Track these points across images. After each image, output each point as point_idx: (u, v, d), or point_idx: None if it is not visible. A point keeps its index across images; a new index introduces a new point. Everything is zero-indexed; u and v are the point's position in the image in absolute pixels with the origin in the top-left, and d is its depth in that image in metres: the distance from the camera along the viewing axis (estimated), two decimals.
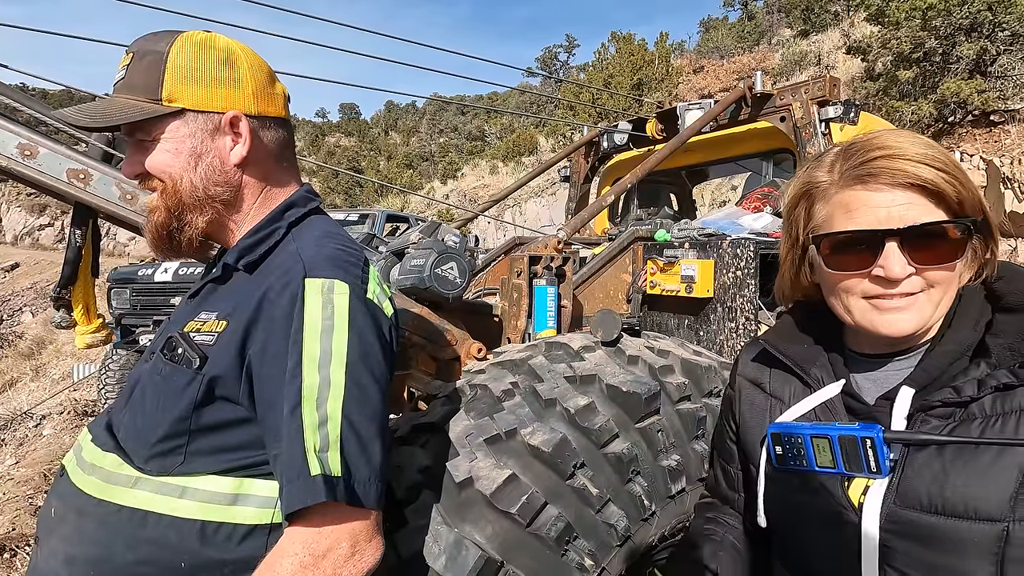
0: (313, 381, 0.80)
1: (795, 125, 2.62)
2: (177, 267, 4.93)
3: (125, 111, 0.88)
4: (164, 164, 0.91)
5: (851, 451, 0.75)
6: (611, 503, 1.10)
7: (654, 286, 2.20)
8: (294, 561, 0.76)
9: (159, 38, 0.91)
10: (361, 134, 39.10)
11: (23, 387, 8.70)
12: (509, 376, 1.31)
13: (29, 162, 1.45)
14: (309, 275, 0.85)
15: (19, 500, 3.99)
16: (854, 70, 13.53)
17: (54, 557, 0.86)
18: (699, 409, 1.30)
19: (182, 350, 0.86)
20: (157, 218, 0.93)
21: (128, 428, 0.88)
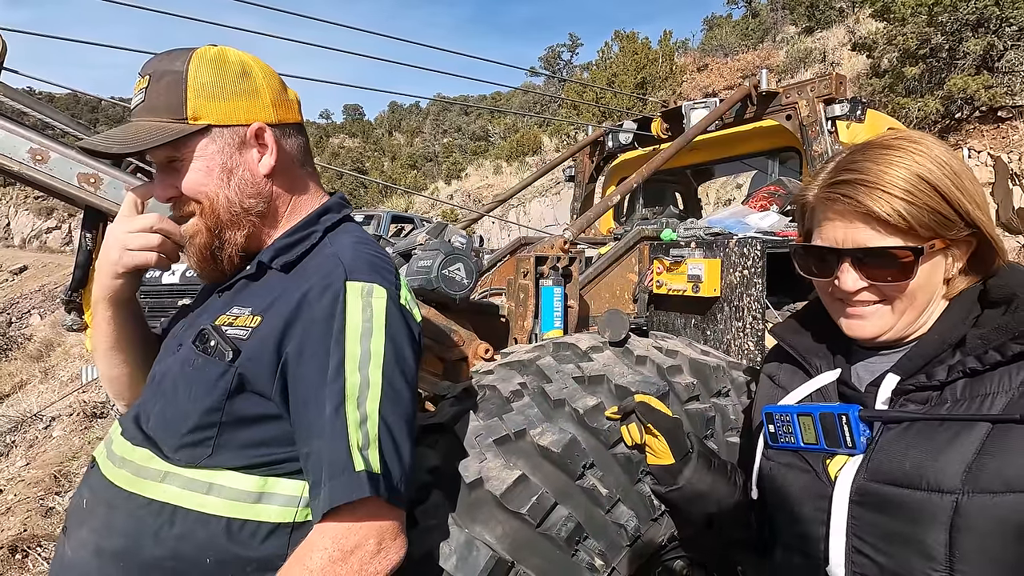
0: (355, 380, 0.83)
1: (801, 123, 2.62)
2: (184, 269, 4.96)
3: (153, 134, 0.88)
4: (199, 184, 0.92)
5: (830, 428, 0.84)
6: (621, 503, 1.10)
7: (660, 286, 2.20)
8: (324, 556, 0.78)
9: (173, 57, 0.91)
10: (365, 135, 39.21)
11: (32, 389, 8.78)
12: (517, 377, 1.31)
13: (40, 167, 1.47)
14: (350, 278, 0.88)
15: (30, 501, 4.04)
16: (859, 67, 13.46)
17: (83, 547, 0.87)
18: (708, 409, 1.29)
19: (215, 342, 0.87)
20: (200, 241, 0.93)
21: (158, 418, 0.90)
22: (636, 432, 1.11)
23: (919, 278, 0.81)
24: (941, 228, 0.80)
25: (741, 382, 1.41)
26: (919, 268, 0.81)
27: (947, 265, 0.84)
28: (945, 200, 0.79)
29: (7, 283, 26.16)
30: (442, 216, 16.29)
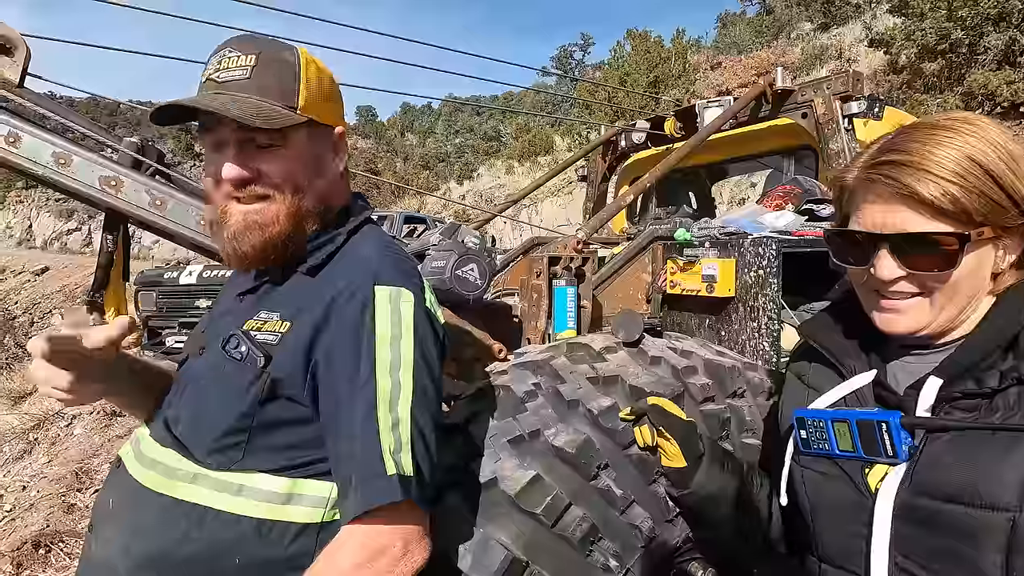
0: (386, 385, 0.84)
1: (817, 121, 2.59)
2: (201, 270, 5.03)
3: (272, 115, 0.87)
4: (294, 173, 0.91)
5: (869, 436, 0.77)
6: (635, 504, 1.10)
7: (674, 286, 2.19)
8: (352, 557, 0.79)
9: (279, 45, 0.92)
10: (378, 136, 39.44)
11: None
12: (531, 377, 1.31)
13: (64, 170, 1.50)
14: (379, 283, 0.88)
15: (52, 498, 4.11)
16: (877, 63, 13.26)
17: (111, 546, 0.88)
18: (723, 410, 1.29)
19: (245, 348, 0.88)
20: (274, 230, 0.90)
21: (188, 423, 0.90)
22: (648, 434, 1.10)
23: (963, 269, 0.74)
24: (992, 215, 0.73)
25: (757, 383, 1.40)
26: (964, 257, 0.73)
27: (996, 257, 0.77)
28: (998, 184, 0.72)
29: (29, 284, 26.72)
30: (454, 216, 16.34)
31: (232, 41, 0.91)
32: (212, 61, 0.90)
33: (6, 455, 5.40)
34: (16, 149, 1.46)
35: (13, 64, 1.55)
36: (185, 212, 1.60)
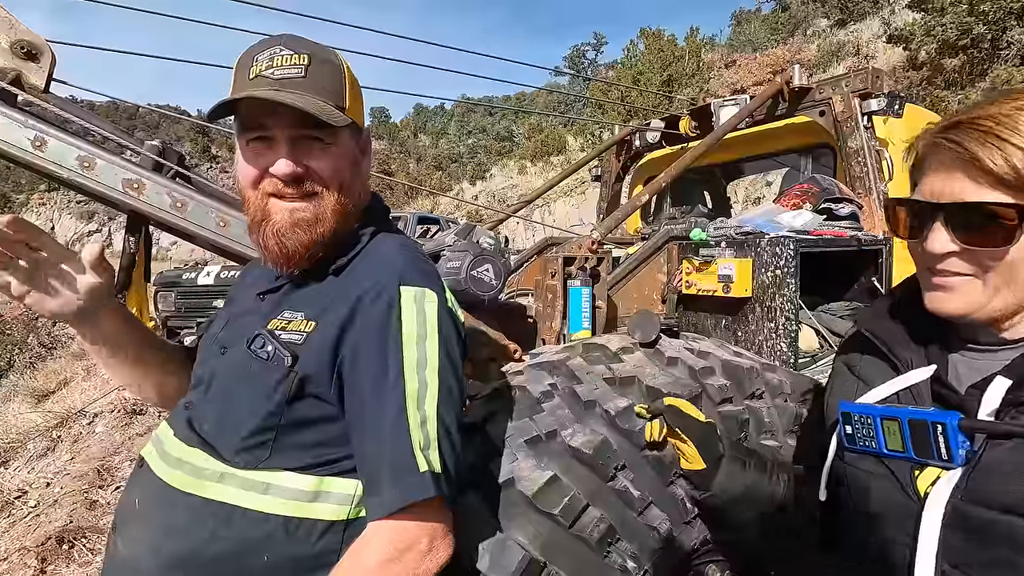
0: (414, 383, 0.85)
1: (836, 119, 2.55)
2: (218, 271, 5.10)
3: (333, 113, 0.88)
4: (339, 172, 0.92)
5: (922, 436, 0.72)
6: (653, 505, 1.10)
7: (690, 286, 2.18)
8: (379, 554, 0.80)
9: (321, 47, 0.93)
10: (391, 137, 39.66)
11: (76, 386, 9.12)
12: (547, 377, 1.31)
13: (88, 173, 1.53)
14: (403, 283, 0.89)
15: (75, 495, 4.19)
16: (895, 59, 13.05)
17: (138, 545, 0.89)
18: (741, 411, 1.28)
19: (272, 347, 0.89)
20: (322, 229, 0.91)
21: (214, 422, 0.91)
22: (657, 429, 1.09)
23: (1022, 247, 0.67)
24: None
25: (776, 384, 1.38)
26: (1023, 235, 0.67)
27: None
28: None
29: None
30: (467, 216, 16.37)
31: (280, 39, 0.92)
32: (260, 59, 0.89)
33: (31, 452, 5.51)
34: (42, 153, 1.49)
35: (39, 70, 1.59)
36: (205, 214, 1.62)
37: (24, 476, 4.94)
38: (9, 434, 5.86)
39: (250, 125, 0.90)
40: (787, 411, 1.37)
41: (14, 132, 1.47)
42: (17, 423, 6.29)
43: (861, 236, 2.29)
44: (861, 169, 2.49)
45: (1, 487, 4.60)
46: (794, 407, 1.38)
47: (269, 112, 0.88)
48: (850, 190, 2.50)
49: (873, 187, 2.47)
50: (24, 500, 4.36)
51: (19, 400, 8.44)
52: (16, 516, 4.13)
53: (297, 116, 0.87)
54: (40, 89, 1.59)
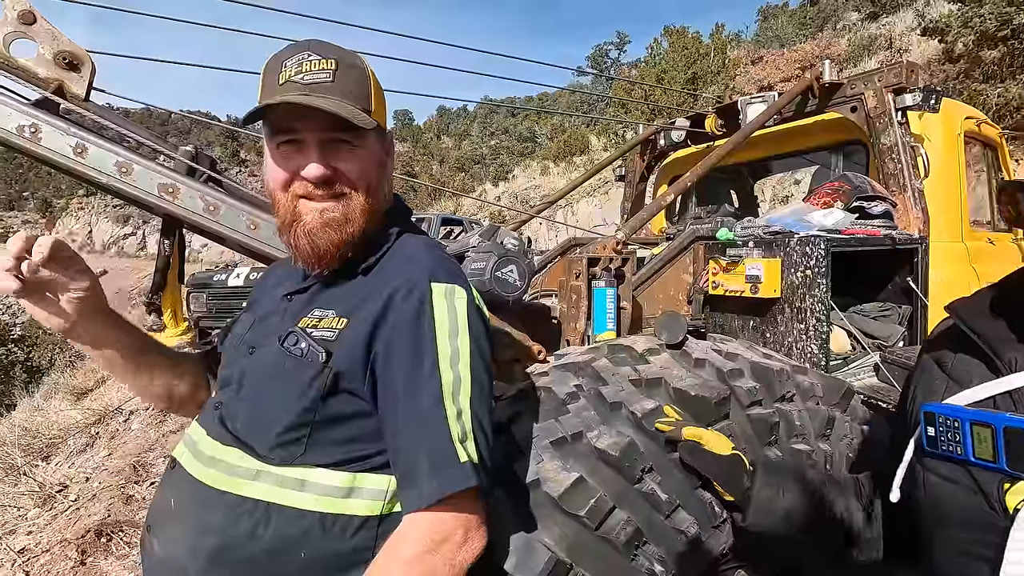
0: (448, 377, 0.86)
1: (868, 115, 2.49)
2: (248, 272, 5.22)
3: (359, 115, 0.90)
4: (370, 172, 0.95)
5: (1018, 447, 0.65)
6: (681, 509, 1.08)
7: (716, 286, 2.14)
8: (416, 546, 0.81)
9: (348, 52, 0.96)
10: (414, 139, 40.01)
11: (112, 385, 9.41)
12: (572, 378, 1.31)
13: (125, 179, 1.58)
14: (434, 280, 0.91)
15: (112, 489, 4.33)
16: (930, 52, 12.65)
17: (176, 545, 0.90)
18: (771, 415, 1.25)
19: (306, 344, 0.90)
20: (351, 229, 0.94)
21: (248, 419, 0.93)
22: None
23: None
24: None
25: (807, 387, 1.35)
26: None
27: None
28: None
29: None
30: (490, 217, 16.41)
31: (308, 45, 0.93)
32: (289, 64, 0.91)
33: (71, 448, 5.72)
34: (83, 159, 1.55)
35: (80, 79, 1.65)
36: (236, 216, 1.66)
37: (65, 471, 5.13)
38: (51, 430, 6.09)
39: (280, 129, 0.93)
40: (819, 414, 1.33)
41: (57, 140, 1.53)
42: (58, 419, 6.53)
43: (895, 235, 2.23)
44: (895, 166, 2.42)
45: (44, 481, 4.78)
46: (826, 410, 1.35)
47: (299, 116, 0.90)
48: (884, 188, 2.43)
49: (908, 184, 2.40)
50: (65, 494, 4.53)
51: (60, 397, 8.75)
52: (58, 509, 4.29)
53: (327, 120, 0.89)
54: (81, 98, 1.65)
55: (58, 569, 3.40)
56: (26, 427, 6.24)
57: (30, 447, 5.66)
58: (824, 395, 1.38)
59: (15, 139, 1.51)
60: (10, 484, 4.83)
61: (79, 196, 46.32)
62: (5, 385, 16.10)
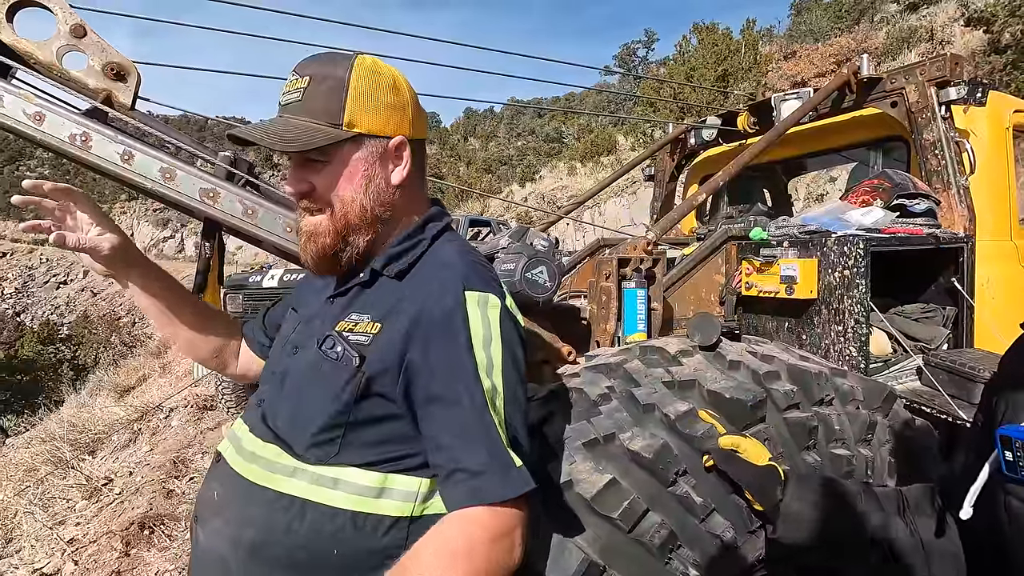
0: (488, 385, 0.88)
1: (909, 110, 2.41)
2: (281, 274, 5.34)
3: (311, 135, 0.92)
4: (338, 188, 0.96)
5: None
6: (716, 513, 1.07)
7: (750, 287, 2.10)
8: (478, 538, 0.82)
9: (335, 63, 0.96)
10: (442, 142, 40.35)
11: (153, 383, 9.76)
12: (604, 380, 1.30)
13: (169, 184, 1.64)
14: (468, 288, 0.92)
15: (154, 484, 4.49)
16: (975, 43, 12.15)
17: (218, 537, 0.94)
18: (809, 418, 1.22)
19: (341, 348, 0.93)
20: (324, 241, 0.97)
21: (287, 419, 0.96)
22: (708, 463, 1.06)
23: None
24: None
25: (847, 390, 1.32)
26: None
27: None
28: None
29: None
30: (517, 218, 16.43)
31: (298, 64, 0.97)
32: (285, 84, 0.97)
33: (115, 443, 5.95)
34: (129, 166, 1.61)
35: (127, 89, 1.72)
36: (273, 220, 1.71)
37: (110, 465, 5.34)
38: (97, 426, 6.34)
39: None
40: (859, 419, 1.30)
41: (106, 147, 1.59)
42: (103, 416, 6.80)
43: (939, 234, 2.15)
44: (939, 162, 2.34)
45: (91, 474, 4.99)
46: (866, 415, 1.31)
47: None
48: (926, 185, 2.35)
49: (952, 181, 2.31)
50: (110, 487, 4.71)
51: (104, 394, 9.11)
52: (104, 502, 4.47)
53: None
54: (127, 107, 1.72)
55: (104, 559, 3.54)
56: (73, 423, 6.53)
57: (77, 442, 5.92)
58: (865, 399, 1.34)
59: (67, 147, 1.58)
60: (59, 477, 5.06)
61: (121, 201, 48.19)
62: (54, 382, 16.86)
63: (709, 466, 1.08)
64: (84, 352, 19.28)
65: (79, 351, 19.67)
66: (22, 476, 5.51)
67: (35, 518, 4.36)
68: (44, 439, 6.24)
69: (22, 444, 7.72)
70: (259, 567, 0.90)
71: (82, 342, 20.15)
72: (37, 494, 4.84)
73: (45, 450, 5.72)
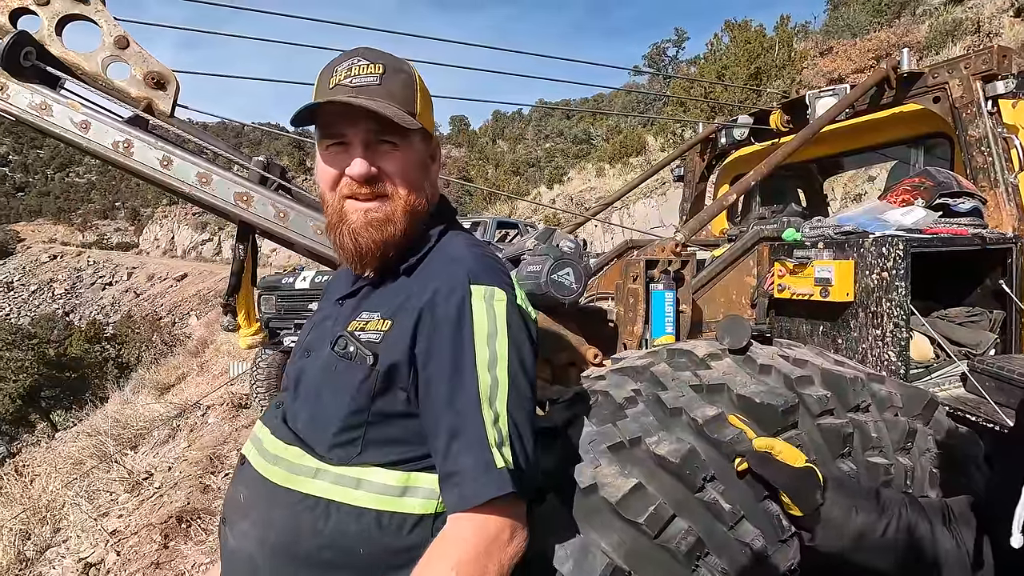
0: (486, 381, 0.87)
1: (953, 105, 2.31)
2: (314, 275, 5.45)
3: (403, 116, 0.92)
4: (409, 173, 0.97)
5: None
6: (745, 520, 1.04)
7: (782, 289, 2.05)
8: (467, 546, 0.82)
9: (396, 58, 0.99)
10: (470, 144, 40.60)
11: (191, 381, 10.10)
12: (631, 383, 1.29)
13: (205, 188, 1.69)
14: (474, 282, 0.92)
15: (191, 479, 4.64)
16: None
17: (246, 538, 0.96)
18: (844, 425, 1.18)
19: (354, 348, 0.94)
20: (393, 229, 0.96)
21: (306, 420, 0.97)
22: (741, 465, 1.04)
23: None
24: None
25: (884, 396, 1.27)
26: None
27: None
28: None
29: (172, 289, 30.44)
30: (545, 220, 16.40)
31: (358, 52, 0.98)
32: (339, 69, 0.95)
33: (155, 439, 6.16)
34: (169, 171, 1.67)
35: (166, 97, 1.78)
36: (304, 222, 1.75)
37: (150, 460, 5.53)
38: (139, 422, 6.59)
39: (328, 131, 0.97)
40: (898, 426, 1.25)
41: (147, 153, 1.66)
42: (145, 412, 7.06)
43: (986, 234, 2.06)
44: (985, 159, 2.24)
45: (133, 468, 5.18)
46: (905, 422, 1.26)
47: (345, 118, 0.93)
48: (971, 183, 2.25)
49: (1000, 179, 2.21)
50: (150, 481, 4.88)
51: (146, 391, 9.46)
52: (144, 495, 4.63)
53: (371, 121, 0.92)
54: (167, 114, 1.78)
55: (144, 551, 3.67)
56: (117, 418, 6.79)
57: (120, 437, 6.16)
58: (904, 405, 1.29)
59: (111, 153, 1.65)
60: (103, 471, 5.27)
61: (163, 205, 49.98)
62: (99, 379, 17.59)
63: (742, 469, 1.05)
64: (127, 351, 20.05)
65: (123, 350, 20.47)
66: (70, 469, 5.76)
67: (81, 509, 4.55)
68: (90, 434, 6.52)
69: (70, 438, 8.07)
70: (286, 567, 0.92)
71: (126, 341, 20.97)
72: (83, 487, 5.05)
73: (91, 444, 5.97)
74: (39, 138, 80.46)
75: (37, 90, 1.59)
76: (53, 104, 1.61)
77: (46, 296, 40.67)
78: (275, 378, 5.70)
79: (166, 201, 48.15)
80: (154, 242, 49.10)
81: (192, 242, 44.26)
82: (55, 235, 53.03)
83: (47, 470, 6.12)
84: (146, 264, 39.21)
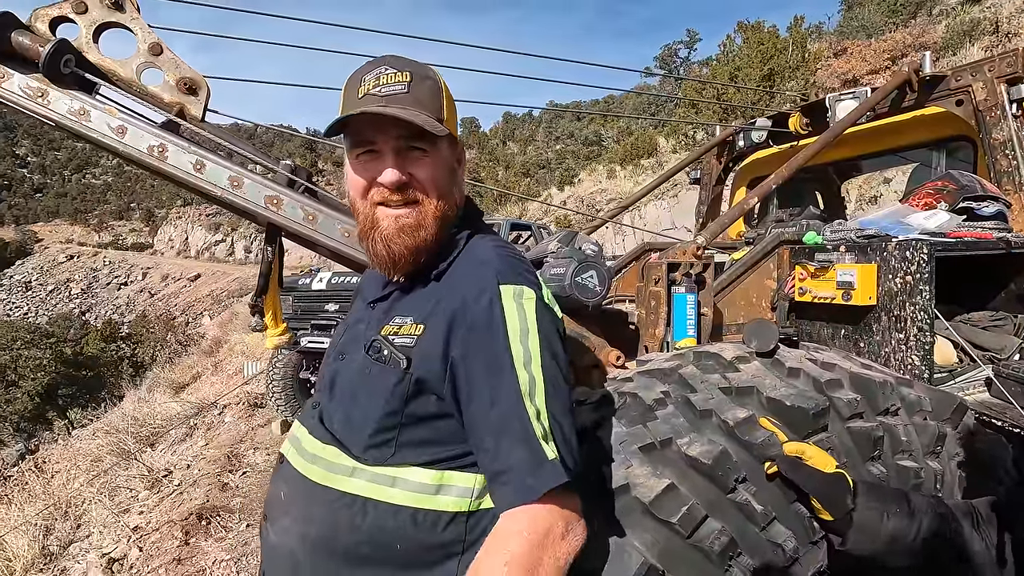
0: (524, 378, 0.89)
1: (976, 108, 2.30)
2: (329, 277, 5.50)
3: (432, 123, 0.95)
4: (441, 179, 1.00)
5: None
6: (777, 522, 1.05)
7: (803, 293, 2.05)
8: (524, 540, 0.83)
9: (421, 65, 1.01)
10: (480, 146, 40.69)
11: (206, 380, 10.21)
12: (659, 385, 1.30)
13: (237, 191, 1.73)
14: (502, 282, 0.94)
15: (209, 477, 4.70)
16: None
17: (287, 534, 0.99)
18: (874, 428, 1.19)
19: (387, 352, 0.96)
20: (425, 234, 0.98)
21: (342, 421, 0.99)
22: (771, 468, 1.05)
23: None
24: None
25: (913, 400, 1.27)
26: None
27: None
28: None
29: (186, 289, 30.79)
30: (556, 222, 16.40)
31: (385, 60, 1.00)
32: (367, 79, 0.96)
33: (173, 437, 6.24)
34: (201, 175, 1.71)
35: (198, 102, 1.82)
36: (332, 225, 1.78)
37: (168, 458, 5.61)
38: (156, 420, 6.68)
39: (359, 140, 0.99)
40: (927, 430, 1.25)
41: (180, 157, 1.69)
42: (161, 410, 7.15)
43: (1011, 238, 2.04)
44: (1009, 163, 2.23)
45: (152, 466, 5.25)
46: (935, 426, 1.27)
47: (376, 127, 0.96)
48: (996, 187, 2.24)
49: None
50: (170, 479, 4.95)
51: (161, 390, 9.58)
52: (164, 492, 4.70)
53: (400, 129, 0.94)
54: (199, 119, 1.82)
55: (166, 547, 3.73)
56: (135, 416, 6.89)
57: (138, 435, 6.24)
58: (933, 409, 1.29)
59: (146, 158, 1.69)
60: (123, 468, 5.35)
61: (177, 207, 50.53)
62: (115, 378, 17.82)
63: (772, 473, 1.06)
64: (142, 350, 20.31)
65: (138, 349, 20.74)
66: (89, 466, 5.85)
67: (103, 506, 4.63)
68: (108, 431, 6.61)
69: (87, 436, 8.19)
70: (326, 562, 0.94)
71: (140, 340, 21.24)
72: (104, 483, 5.13)
73: (110, 442, 6.07)
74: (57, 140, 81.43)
75: (76, 96, 1.64)
76: (91, 110, 1.65)
77: (63, 296, 41.31)
78: (291, 378, 5.75)
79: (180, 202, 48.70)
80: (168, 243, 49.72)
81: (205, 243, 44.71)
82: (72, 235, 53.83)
83: (67, 467, 6.22)
84: (160, 264, 39.71)
